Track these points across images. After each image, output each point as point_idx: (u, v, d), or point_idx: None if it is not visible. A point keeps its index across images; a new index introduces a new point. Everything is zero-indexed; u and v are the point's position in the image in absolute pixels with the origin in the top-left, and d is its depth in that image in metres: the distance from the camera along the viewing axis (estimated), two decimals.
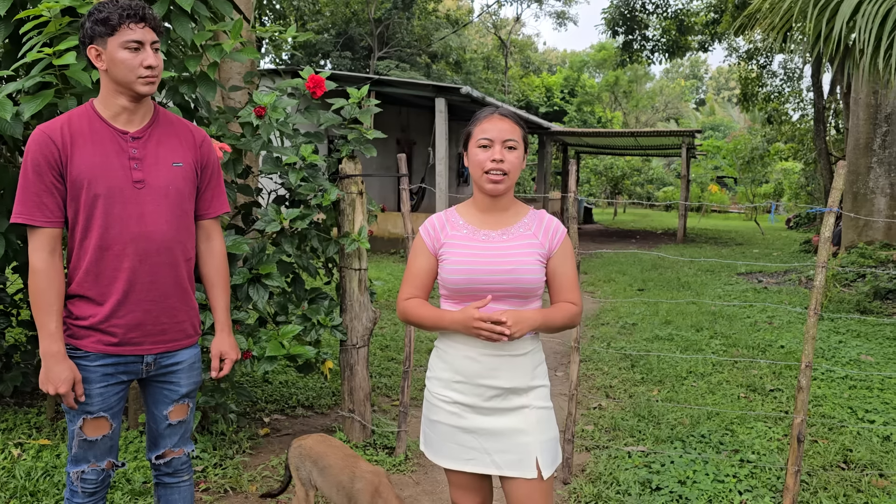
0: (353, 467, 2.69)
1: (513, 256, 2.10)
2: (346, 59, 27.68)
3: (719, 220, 28.77)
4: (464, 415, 2.12)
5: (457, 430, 2.14)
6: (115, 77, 2.15)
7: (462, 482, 2.23)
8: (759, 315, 7.98)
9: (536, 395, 2.14)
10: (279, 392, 4.99)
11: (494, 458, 2.11)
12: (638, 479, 3.64)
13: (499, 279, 2.08)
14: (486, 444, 2.11)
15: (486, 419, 2.11)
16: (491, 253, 2.11)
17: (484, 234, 2.15)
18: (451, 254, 2.14)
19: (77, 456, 2.28)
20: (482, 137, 2.10)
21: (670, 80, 56.17)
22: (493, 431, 2.10)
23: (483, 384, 2.10)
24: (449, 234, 2.18)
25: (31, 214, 2.12)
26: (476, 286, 2.09)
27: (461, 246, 2.14)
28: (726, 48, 22.98)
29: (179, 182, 2.28)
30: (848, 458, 3.97)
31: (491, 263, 2.09)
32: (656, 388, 5.25)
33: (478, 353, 2.09)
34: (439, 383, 2.17)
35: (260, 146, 3.63)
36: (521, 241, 2.14)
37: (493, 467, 2.12)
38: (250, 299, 3.56)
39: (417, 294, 2.22)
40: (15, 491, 3.27)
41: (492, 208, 2.18)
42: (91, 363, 2.21)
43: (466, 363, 2.11)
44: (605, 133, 20.84)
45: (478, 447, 2.12)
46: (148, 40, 2.16)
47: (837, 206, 3.32)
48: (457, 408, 2.13)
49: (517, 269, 2.08)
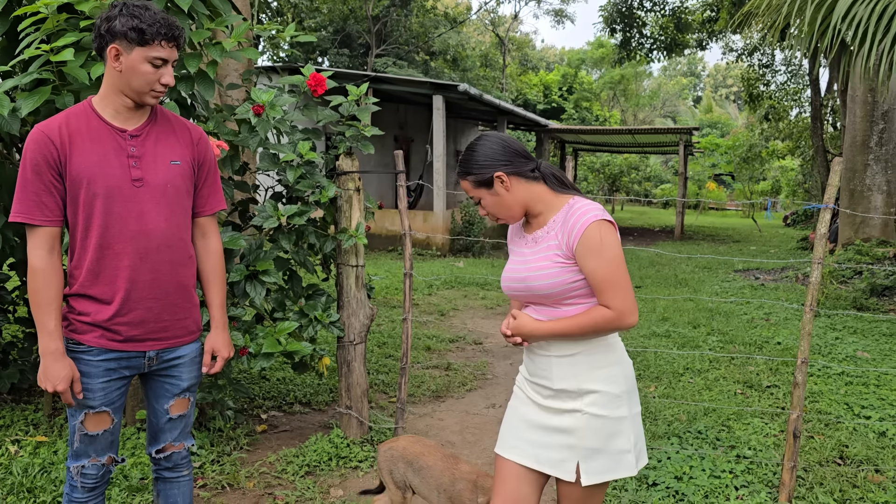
0: (454, 469, 2.69)
1: (530, 262, 2.08)
2: (344, 57, 27.64)
3: (717, 218, 28.79)
4: (529, 405, 2.15)
5: (517, 417, 2.18)
6: (129, 83, 2.15)
7: (503, 472, 2.18)
8: (756, 312, 8.00)
9: (590, 400, 2.03)
10: (276, 389, 4.99)
11: (537, 452, 2.10)
12: (634, 475, 3.65)
13: (517, 287, 2.11)
14: (534, 436, 2.11)
15: (542, 416, 2.11)
16: (519, 259, 2.14)
17: (525, 239, 2.17)
18: (508, 261, 2.23)
19: (78, 451, 2.29)
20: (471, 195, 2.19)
21: (668, 77, 56.21)
22: (544, 426, 2.10)
23: (536, 382, 2.13)
24: (513, 239, 2.25)
25: (30, 213, 2.13)
26: (511, 294, 2.17)
27: (513, 252, 2.22)
28: (723, 47, 22.99)
29: (178, 180, 2.29)
30: (844, 453, 3.99)
31: (513, 272, 2.13)
32: (653, 385, 5.26)
33: (531, 351, 2.14)
34: (521, 377, 2.24)
35: (257, 143, 3.63)
36: (543, 245, 2.08)
37: (533, 460, 2.11)
38: (247, 296, 3.57)
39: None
40: (12, 487, 3.27)
41: (529, 216, 2.18)
42: (93, 358, 2.21)
43: (527, 360, 2.18)
44: (602, 130, 20.84)
45: (529, 439, 2.12)
46: (171, 59, 2.18)
47: (834, 203, 3.34)
48: (526, 398, 2.18)
49: (529, 276, 2.06)
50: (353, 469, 3.73)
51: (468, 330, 7.14)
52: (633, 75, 42.62)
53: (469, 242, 13.63)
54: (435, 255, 13.41)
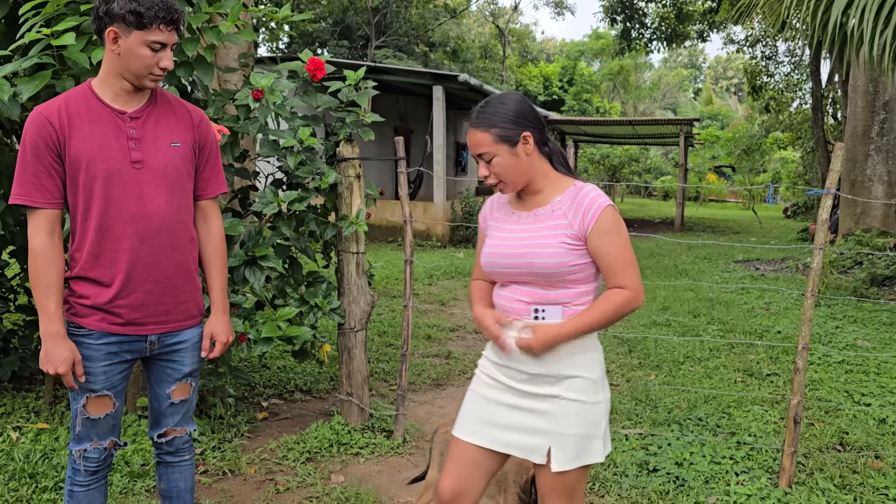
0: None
1: (531, 240, 2.02)
2: (344, 48, 27.59)
3: (717, 210, 28.79)
4: (496, 388, 2.11)
5: (483, 400, 2.13)
6: (127, 67, 2.14)
7: (458, 453, 2.15)
8: (757, 301, 8.00)
9: (569, 385, 2.02)
10: (277, 377, 5.00)
11: (506, 435, 2.08)
12: (635, 461, 3.65)
13: (512, 263, 2.04)
14: (503, 419, 2.08)
15: (514, 398, 2.08)
16: (513, 236, 2.07)
17: (517, 215, 2.12)
18: (489, 237, 2.16)
19: (80, 434, 2.29)
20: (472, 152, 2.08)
21: (669, 69, 56.08)
22: (518, 409, 2.06)
23: (514, 367, 2.07)
24: (494, 216, 2.20)
25: (29, 195, 2.12)
26: (498, 270, 2.09)
27: (497, 229, 2.15)
28: (723, 38, 22.94)
29: (178, 162, 2.28)
30: (844, 440, 4.00)
31: (507, 248, 2.06)
32: (654, 373, 5.27)
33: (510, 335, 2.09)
34: (487, 362, 2.18)
35: (257, 129, 3.62)
36: (548, 223, 2.03)
37: (499, 444, 2.08)
38: (246, 282, 3.56)
39: (481, 275, 2.25)
40: (14, 473, 3.28)
41: (525, 191, 2.12)
42: (95, 341, 2.21)
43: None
44: (603, 122, 20.81)
45: (496, 422, 2.09)
46: (170, 42, 2.16)
47: (835, 189, 3.33)
48: (492, 381, 2.13)
49: (530, 252, 2.00)
50: (354, 455, 3.73)
51: (468, 319, 7.14)
52: (632, 67, 42.52)
53: (469, 233, 13.63)
54: (435, 245, 13.41)
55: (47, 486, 3.19)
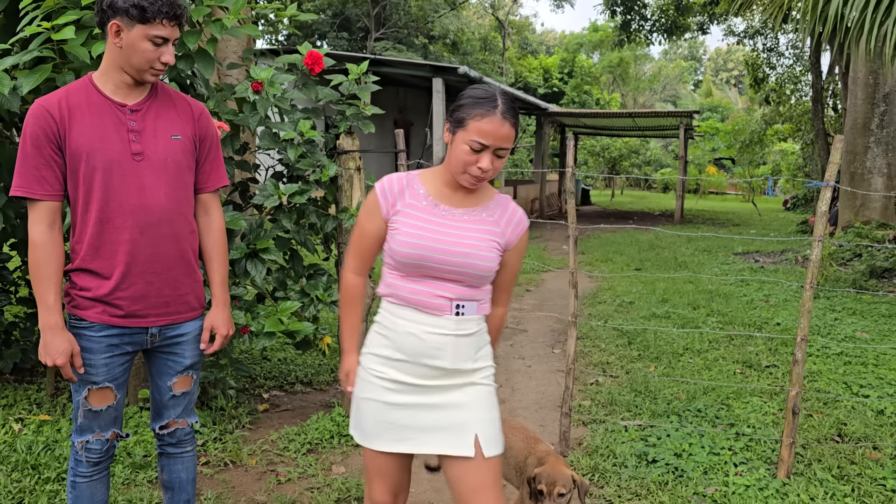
0: (532, 448, 2.68)
1: (470, 240, 1.97)
2: (343, 40, 27.53)
3: (717, 202, 28.79)
4: (400, 392, 2.01)
5: (389, 408, 2.01)
6: (128, 60, 2.14)
7: (382, 467, 2.09)
8: (756, 293, 8.02)
9: (481, 373, 2.06)
10: (278, 369, 5.02)
11: (431, 435, 2.01)
12: (634, 452, 3.68)
13: (452, 261, 1.95)
14: (421, 420, 2.00)
15: (423, 396, 2.00)
16: (448, 231, 1.97)
17: (445, 209, 2.01)
18: (404, 224, 1.98)
19: (82, 426, 2.30)
20: (477, 140, 1.88)
21: (669, 61, 55.97)
22: (431, 406, 2.00)
23: (426, 364, 1.98)
24: (407, 201, 2.01)
25: (30, 187, 2.12)
26: (427, 264, 1.96)
27: (417, 217, 1.98)
28: (724, 30, 22.88)
29: (178, 154, 2.28)
30: (842, 431, 4.02)
31: (446, 243, 1.96)
32: (653, 365, 5.29)
33: (423, 330, 1.98)
34: (377, 360, 2.04)
35: (257, 122, 3.62)
36: (481, 226, 2.01)
37: (429, 445, 2.01)
38: (248, 274, 3.57)
39: (362, 266, 2.12)
40: (17, 464, 3.30)
41: (460, 187, 2.03)
42: (96, 334, 2.22)
43: (411, 341, 1.98)
44: (602, 114, 20.79)
45: (412, 425, 2.01)
46: (172, 38, 2.16)
47: (834, 181, 3.34)
48: (393, 384, 2.01)
49: (473, 253, 1.96)
50: (355, 447, 3.75)
51: None
52: (631, 59, 42.42)
53: None
54: None
55: (50, 477, 3.21)
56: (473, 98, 1.91)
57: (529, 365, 5.42)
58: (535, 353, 5.76)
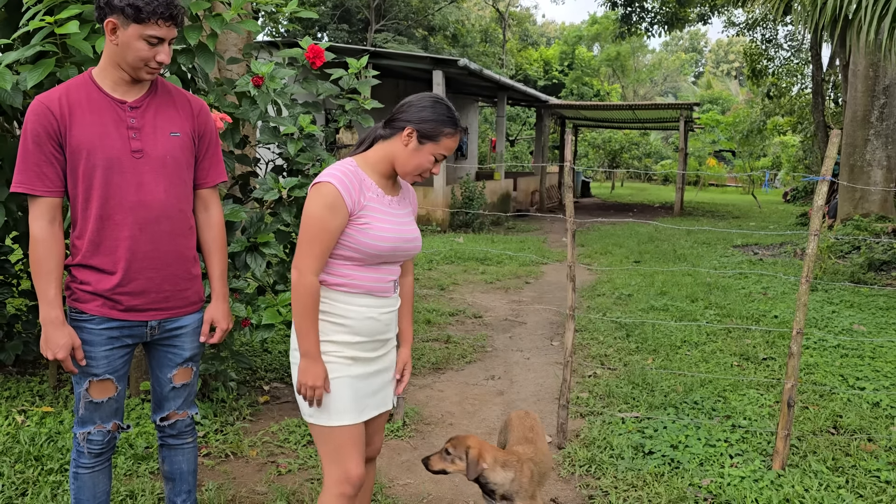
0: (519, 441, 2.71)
1: (411, 225, 2.24)
2: (343, 32, 27.46)
3: (716, 194, 28.79)
4: (361, 364, 2.20)
5: (355, 380, 2.19)
6: (124, 58, 2.15)
7: (358, 438, 2.19)
8: (754, 286, 8.04)
9: (393, 338, 2.33)
10: (279, 361, 5.05)
11: (377, 397, 2.27)
12: (631, 444, 3.71)
13: (408, 247, 2.21)
14: (374, 386, 2.24)
15: (370, 364, 2.22)
16: (400, 221, 2.19)
17: (388, 200, 2.19)
18: (374, 219, 2.10)
19: (84, 417, 2.33)
20: (443, 153, 2.17)
21: (669, 53, 55.82)
22: (376, 373, 2.25)
23: (379, 339, 2.22)
24: (367, 195, 2.11)
25: (31, 184, 2.15)
26: (394, 254, 2.17)
27: (380, 211, 2.14)
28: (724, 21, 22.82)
29: (177, 152, 2.30)
30: (838, 423, 4.05)
31: (404, 232, 2.19)
32: (651, 357, 5.32)
33: (379, 312, 2.19)
34: (335, 346, 2.15)
35: (257, 116, 3.64)
36: (408, 210, 2.27)
37: (378, 408, 2.28)
38: (248, 267, 3.60)
39: (321, 266, 2.09)
40: (20, 456, 3.34)
41: (389, 177, 2.22)
42: (96, 326, 2.25)
43: (369, 324, 2.17)
44: (603, 106, 20.75)
45: (369, 391, 2.23)
46: (168, 37, 2.16)
47: (830, 175, 3.36)
48: (351, 361, 2.18)
49: (417, 237, 2.25)
50: None
51: (468, 304, 7.19)
52: (629, 52, 42.26)
53: (469, 218, 13.66)
54: (435, 230, 13.44)
55: (53, 468, 3.25)
56: (441, 116, 2.14)
57: (528, 357, 5.45)
58: (533, 345, 5.80)
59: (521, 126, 33.19)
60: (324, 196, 2.04)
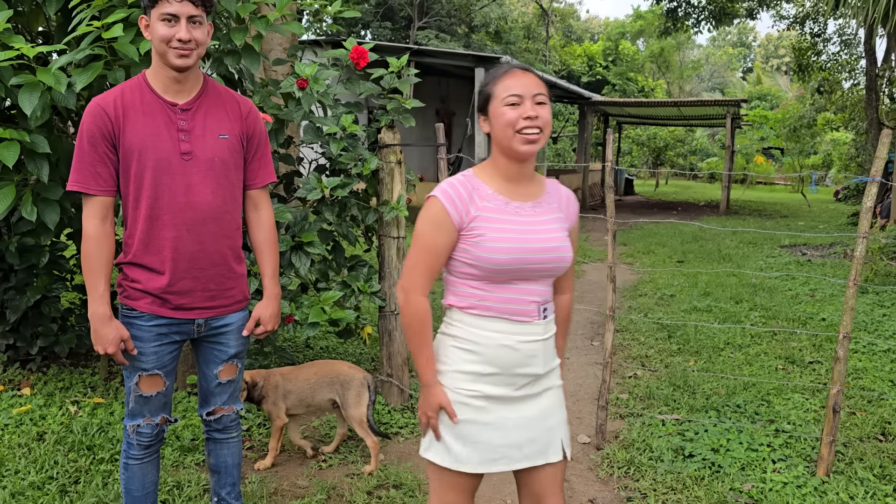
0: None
1: (552, 233, 1.91)
2: (386, 30, 27.60)
3: (764, 192, 28.19)
4: (490, 409, 1.92)
5: (484, 428, 1.92)
6: (155, 49, 2.23)
7: (470, 488, 2.00)
8: (801, 288, 7.87)
9: (556, 374, 2.03)
10: (320, 357, 5.12)
11: (525, 450, 1.94)
12: (671, 447, 3.68)
13: (545, 258, 1.89)
14: (514, 437, 1.93)
15: (512, 409, 1.93)
16: (532, 229, 1.89)
17: (517, 206, 1.91)
18: (489, 229, 1.85)
19: (133, 411, 2.41)
20: (509, 94, 1.83)
21: (717, 48, 54.78)
22: (521, 421, 1.94)
23: (519, 373, 1.91)
24: (479, 205, 1.88)
25: (85, 183, 2.23)
26: (522, 266, 1.86)
27: (499, 220, 1.87)
28: (773, 15, 22.28)
29: (225, 154, 2.36)
30: (886, 430, 3.96)
31: (537, 241, 1.88)
32: (693, 359, 5.26)
33: (516, 340, 1.90)
34: (465, 378, 1.92)
35: (301, 116, 3.70)
36: (552, 216, 1.95)
37: (526, 461, 1.95)
38: (292, 266, 3.67)
39: (430, 286, 1.94)
40: (73, 445, 3.46)
41: (519, 176, 1.93)
42: (145, 323, 2.32)
43: (505, 353, 1.89)
44: (647, 103, 20.50)
45: (505, 443, 1.92)
46: (184, 14, 2.19)
47: (881, 177, 3.28)
48: (484, 402, 1.92)
49: (559, 247, 1.91)
50: (394, 435, 3.83)
51: None
52: (673, 47, 41.56)
53: None
54: None
55: (104, 457, 3.36)
56: (488, 76, 1.93)
57: (568, 357, 5.44)
58: (573, 344, 5.78)
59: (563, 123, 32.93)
60: (429, 212, 1.90)
